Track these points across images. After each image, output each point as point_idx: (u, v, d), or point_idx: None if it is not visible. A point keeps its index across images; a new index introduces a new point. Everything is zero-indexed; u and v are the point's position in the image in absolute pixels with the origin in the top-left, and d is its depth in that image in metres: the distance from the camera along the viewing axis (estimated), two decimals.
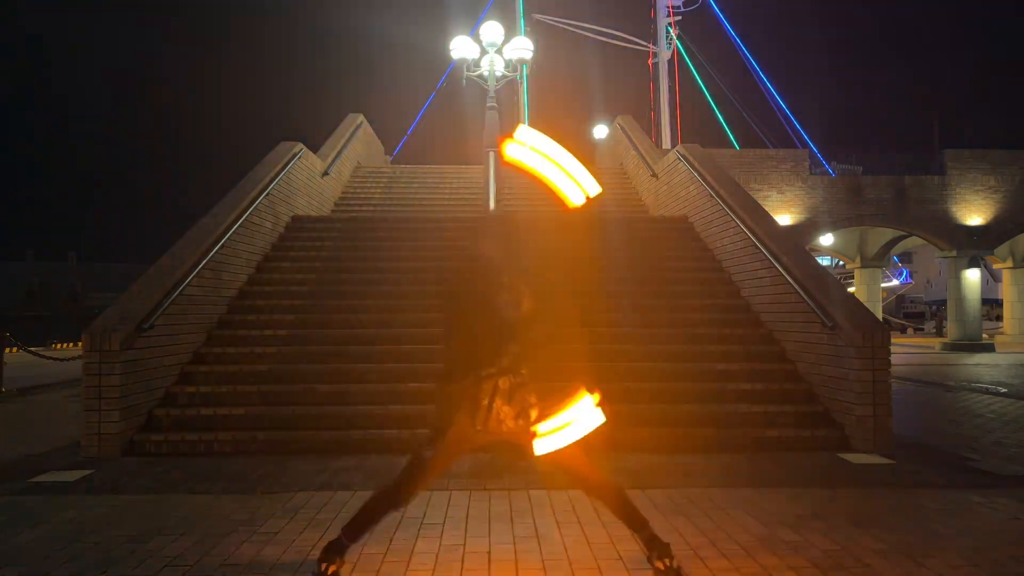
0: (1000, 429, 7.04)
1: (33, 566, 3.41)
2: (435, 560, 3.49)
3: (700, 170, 10.08)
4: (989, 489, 4.71)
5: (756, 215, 8.42)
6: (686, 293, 8.57)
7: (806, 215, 19.01)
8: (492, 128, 11.56)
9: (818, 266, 7.39)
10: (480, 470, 5.15)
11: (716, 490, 4.70)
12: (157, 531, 3.90)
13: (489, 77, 11.77)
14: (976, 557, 3.49)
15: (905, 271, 50.96)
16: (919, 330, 34.83)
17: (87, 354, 5.79)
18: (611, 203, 13.82)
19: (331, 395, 6.48)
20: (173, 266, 6.89)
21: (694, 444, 5.92)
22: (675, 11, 30.24)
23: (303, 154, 10.84)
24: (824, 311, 6.35)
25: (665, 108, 30.32)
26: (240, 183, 9.03)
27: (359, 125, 15.84)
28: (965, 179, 19.39)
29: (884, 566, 3.37)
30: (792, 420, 6.27)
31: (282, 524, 4.03)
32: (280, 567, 3.40)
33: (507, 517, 4.14)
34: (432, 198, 14.13)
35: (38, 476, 5.11)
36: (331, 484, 4.86)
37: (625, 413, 6.23)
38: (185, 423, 6.17)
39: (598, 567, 3.38)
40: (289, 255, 9.49)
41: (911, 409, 8.32)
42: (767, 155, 19.74)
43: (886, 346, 5.97)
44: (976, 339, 19.96)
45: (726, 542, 3.70)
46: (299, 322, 7.79)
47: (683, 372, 6.88)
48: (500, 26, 11.84)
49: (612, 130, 18.72)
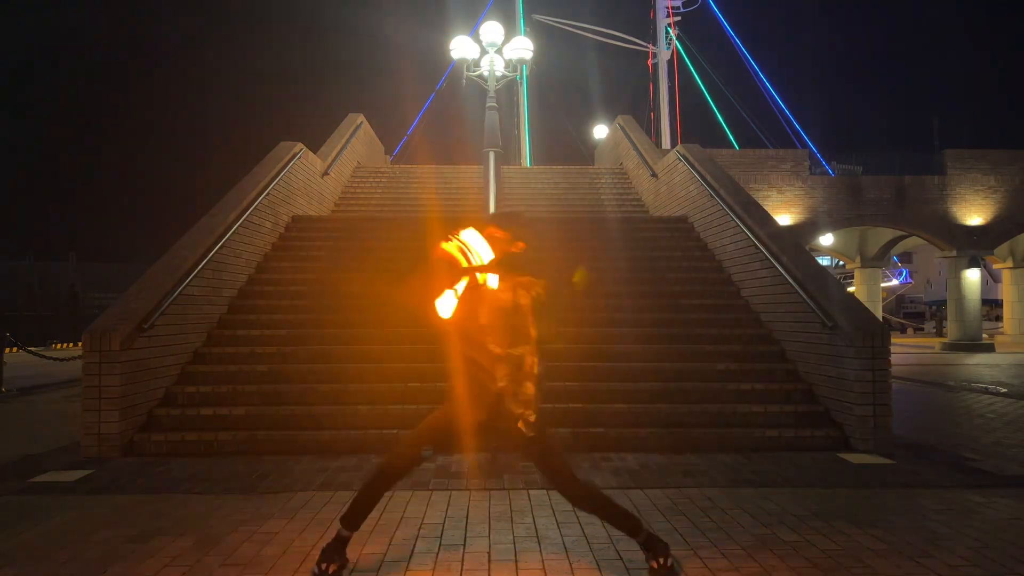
0: (1000, 429, 7.04)
1: (33, 566, 3.41)
2: (435, 560, 3.49)
3: (700, 170, 10.09)
4: (989, 489, 4.71)
5: (756, 215, 8.43)
6: (686, 293, 8.57)
7: (806, 215, 19.01)
8: (492, 128, 11.56)
9: (818, 266, 7.39)
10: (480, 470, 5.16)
11: (716, 490, 4.70)
12: (157, 531, 3.90)
13: (489, 77, 11.77)
14: (976, 557, 3.49)
15: (905, 271, 50.97)
16: (919, 330, 34.84)
17: (87, 354, 5.79)
18: (611, 203, 13.83)
19: (331, 395, 6.48)
20: (173, 266, 6.89)
21: (694, 444, 5.93)
22: (675, 11, 30.29)
23: (303, 154, 10.84)
24: (824, 311, 6.35)
25: (665, 108, 30.36)
26: (240, 183, 9.04)
27: (359, 125, 15.84)
28: (965, 179, 19.39)
29: (884, 566, 3.38)
30: (792, 420, 6.27)
31: (282, 524, 4.03)
32: (280, 567, 3.40)
33: (507, 517, 4.14)
34: (432, 198, 14.12)
35: (38, 476, 5.11)
36: (331, 484, 4.86)
37: (625, 413, 6.24)
38: (185, 423, 6.17)
39: (598, 567, 3.38)
40: (289, 255, 9.49)
41: (911, 409, 8.32)
42: (767, 155, 19.74)
43: (886, 346, 5.97)
44: (976, 339, 19.96)
45: (726, 542, 3.71)
46: (299, 322, 7.79)
47: (683, 372, 6.88)
48: (500, 26, 11.84)
49: (612, 130, 18.73)
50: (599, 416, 6.20)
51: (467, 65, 11.80)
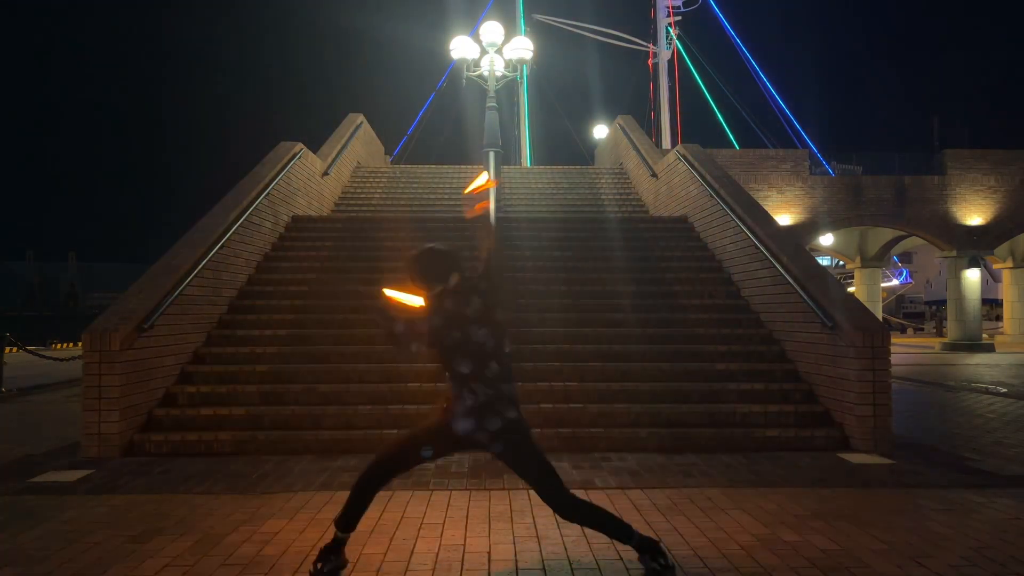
0: (1000, 429, 7.04)
1: (33, 566, 3.41)
2: (435, 560, 3.49)
3: (700, 170, 10.09)
4: (989, 489, 4.71)
5: (756, 215, 8.42)
6: (686, 293, 8.57)
7: (806, 215, 19.01)
8: (492, 128, 11.56)
9: (818, 266, 7.38)
10: (480, 470, 5.16)
11: (716, 490, 4.70)
12: (157, 531, 3.90)
13: (489, 77, 11.78)
14: (976, 557, 3.49)
15: (905, 271, 50.95)
16: (919, 330, 34.84)
17: (87, 354, 5.79)
18: (611, 203, 13.84)
19: (331, 395, 6.48)
20: (173, 266, 6.89)
21: (694, 444, 5.93)
22: (675, 11, 30.28)
23: (303, 154, 10.84)
24: (824, 311, 6.35)
25: (665, 108, 30.37)
26: (240, 183, 9.04)
27: (359, 125, 15.85)
28: (965, 179, 19.39)
29: (884, 566, 3.38)
30: (792, 420, 6.27)
31: (282, 524, 4.03)
32: (280, 567, 3.40)
33: (507, 517, 4.14)
34: (432, 198, 14.13)
35: (38, 476, 5.11)
36: (331, 484, 4.86)
37: (625, 413, 6.24)
38: (185, 423, 6.17)
39: (598, 567, 3.38)
40: (289, 255, 9.49)
41: (911, 409, 8.32)
42: (767, 155, 19.74)
43: (886, 346, 5.96)
44: (976, 339, 19.96)
45: (726, 542, 3.70)
46: (299, 322, 7.79)
47: (683, 372, 6.88)
48: (500, 26, 11.85)
49: (612, 130, 18.73)
50: (599, 416, 6.20)
51: (467, 65, 11.81)
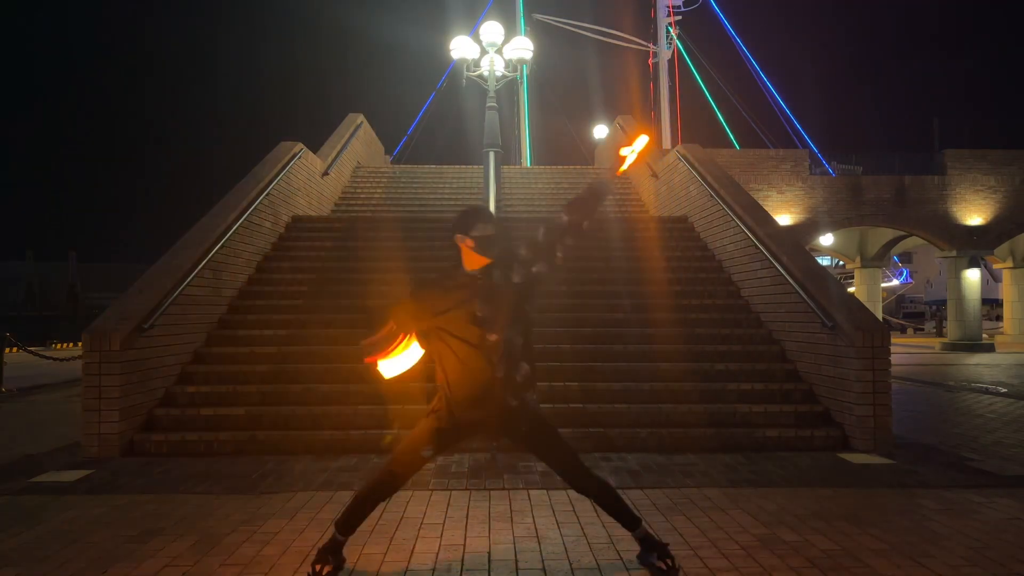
0: (1000, 429, 7.04)
1: (33, 566, 3.41)
2: (435, 560, 3.49)
3: (700, 170, 10.09)
4: (989, 489, 4.71)
5: (756, 215, 8.42)
6: (686, 293, 8.57)
7: (806, 215, 19.01)
8: (492, 128, 11.55)
9: (818, 266, 7.39)
10: (480, 470, 5.16)
11: (716, 490, 4.70)
12: (157, 531, 3.90)
13: (489, 77, 11.76)
14: (976, 557, 3.49)
15: (905, 271, 50.96)
16: (919, 330, 34.85)
17: (87, 354, 5.79)
18: (611, 203, 13.84)
19: (331, 395, 6.48)
20: (173, 266, 6.89)
21: (694, 444, 5.93)
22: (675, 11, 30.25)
23: (303, 154, 10.84)
24: (824, 311, 6.35)
25: (665, 108, 30.33)
26: (240, 183, 9.03)
27: (359, 125, 15.85)
28: (965, 179, 19.39)
29: (884, 566, 3.37)
30: (792, 420, 6.28)
31: (282, 524, 4.03)
32: (280, 567, 3.40)
33: (507, 517, 4.14)
34: (432, 198, 14.14)
35: (38, 476, 5.11)
36: (331, 484, 4.86)
37: (625, 413, 6.24)
38: (185, 423, 6.17)
39: (598, 567, 3.38)
40: (289, 255, 9.49)
41: (911, 409, 8.32)
42: (767, 155, 19.73)
43: (886, 346, 5.96)
44: (976, 339, 19.96)
45: (726, 542, 3.70)
46: (299, 322, 7.79)
47: (683, 372, 6.87)
48: (500, 26, 11.83)
49: (612, 130, 18.75)
50: (599, 416, 6.21)
51: (467, 65, 11.79)
